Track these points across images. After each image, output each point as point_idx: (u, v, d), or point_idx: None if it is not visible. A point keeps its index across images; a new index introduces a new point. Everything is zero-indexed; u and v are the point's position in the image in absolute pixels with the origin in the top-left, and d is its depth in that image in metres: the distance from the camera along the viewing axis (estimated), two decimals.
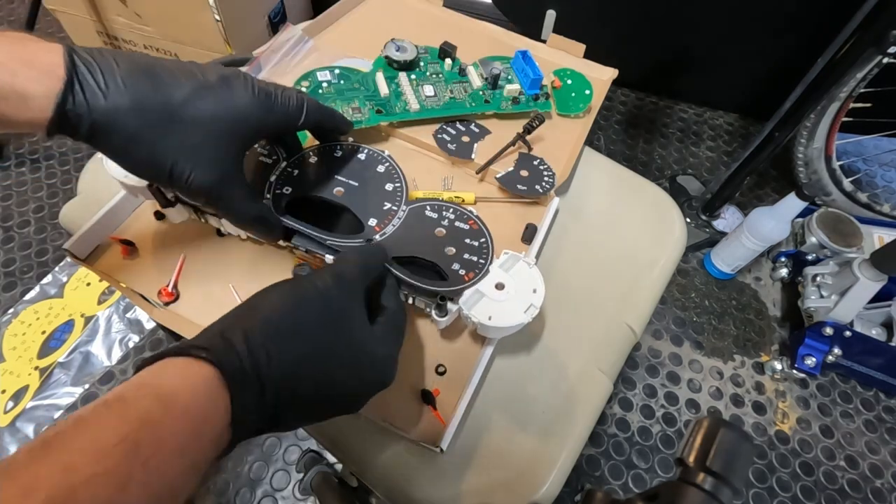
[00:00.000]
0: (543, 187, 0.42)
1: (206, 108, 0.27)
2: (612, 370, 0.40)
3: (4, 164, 1.12)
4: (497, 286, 0.34)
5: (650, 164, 1.26)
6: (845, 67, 0.82)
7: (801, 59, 0.86)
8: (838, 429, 0.92)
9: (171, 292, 0.36)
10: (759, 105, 1.22)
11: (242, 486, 0.80)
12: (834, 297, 0.88)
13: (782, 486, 0.86)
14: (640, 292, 0.44)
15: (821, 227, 0.97)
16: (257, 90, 0.29)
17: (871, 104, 0.97)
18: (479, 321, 0.32)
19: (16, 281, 0.97)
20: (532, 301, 0.33)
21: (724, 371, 0.97)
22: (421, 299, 0.34)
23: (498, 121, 0.47)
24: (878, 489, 0.87)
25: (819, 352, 0.90)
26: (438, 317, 0.34)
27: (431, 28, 0.54)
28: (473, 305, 0.33)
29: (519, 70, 0.48)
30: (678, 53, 1.25)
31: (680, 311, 1.03)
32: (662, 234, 0.48)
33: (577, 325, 0.41)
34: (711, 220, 1.13)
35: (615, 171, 0.51)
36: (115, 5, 1.04)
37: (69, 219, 0.44)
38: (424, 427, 0.33)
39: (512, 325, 0.32)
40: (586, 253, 0.44)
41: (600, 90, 0.51)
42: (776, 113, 0.89)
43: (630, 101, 1.37)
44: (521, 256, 0.35)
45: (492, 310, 0.32)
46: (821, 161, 1.06)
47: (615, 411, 0.91)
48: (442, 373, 0.35)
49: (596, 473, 0.85)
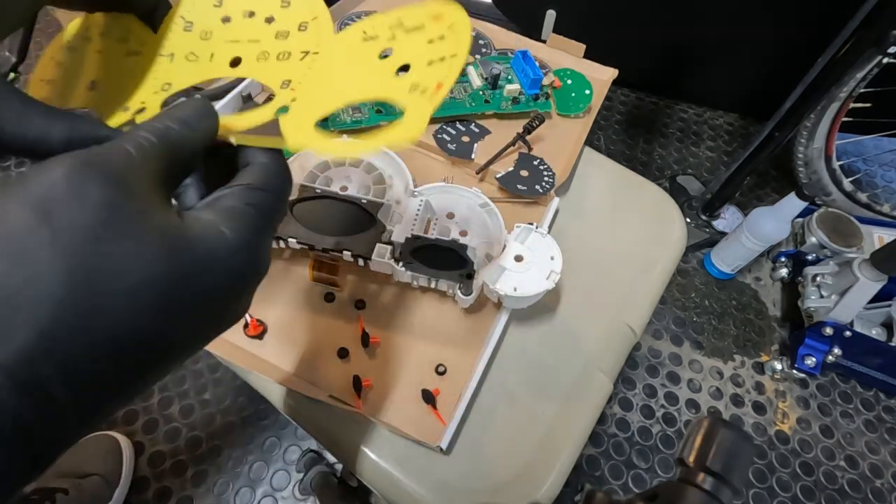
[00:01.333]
0: (543, 187, 0.42)
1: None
2: (612, 370, 0.40)
3: (4, 165, 1.12)
4: (516, 258, 0.35)
5: (650, 164, 1.26)
6: (845, 67, 0.82)
7: (801, 59, 0.86)
8: (838, 429, 0.92)
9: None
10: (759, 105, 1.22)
11: (242, 486, 0.80)
12: (834, 297, 0.88)
13: (782, 486, 0.86)
14: (640, 292, 0.44)
15: (821, 227, 0.97)
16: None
17: (871, 104, 0.97)
18: (504, 293, 0.34)
19: None
20: (552, 268, 0.35)
21: (724, 371, 0.97)
22: (444, 282, 0.35)
23: (498, 121, 0.47)
24: (878, 489, 0.87)
25: (819, 352, 0.90)
26: (464, 295, 0.34)
27: None
28: (497, 280, 0.34)
29: (519, 70, 0.48)
30: (678, 53, 1.25)
31: (680, 311, 1.03)
32: (662, 234, 0.48)
33: (577, 325, 0.41)
34: (711, 220, 1.13)
35: (615, 171, 0.51)
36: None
37: None
38: (424, 427, 0.33)
39: (537, 293, 0.34)
40: (586, 253, 0.44)
41: (600, 90, 0.51)
42: (776, 113, 0.89)
43: (630, 101, 1.37)
44: (534, 228, 0.36)
45: (515, 281, 0.34)
46: (821, 161, 1.06)
47: (615, 411, 0.91)
48: (442, 373, 0.35)
49: (596, 473, 0.85)
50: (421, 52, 0.22)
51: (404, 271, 0.34)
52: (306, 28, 0.24)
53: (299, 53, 0.23)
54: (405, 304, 0.38)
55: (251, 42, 0.24)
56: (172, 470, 0.80)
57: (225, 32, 0.24)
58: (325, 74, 0.22)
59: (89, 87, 0.23)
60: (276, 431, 0.85)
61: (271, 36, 0.24)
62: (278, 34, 0.24)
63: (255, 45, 0.24)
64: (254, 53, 0.24)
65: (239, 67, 0.23)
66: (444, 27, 0.22)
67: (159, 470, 0.80)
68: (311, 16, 0.24)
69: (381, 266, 0.34)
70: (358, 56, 0.23)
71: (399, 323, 0.37)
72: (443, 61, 0.21)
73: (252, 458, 0.82)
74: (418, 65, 0.21)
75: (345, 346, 0.36)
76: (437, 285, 0.36)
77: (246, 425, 0.85)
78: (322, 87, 0.22)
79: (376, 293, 0.38)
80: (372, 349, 0.36)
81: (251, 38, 0.24)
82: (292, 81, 0.22)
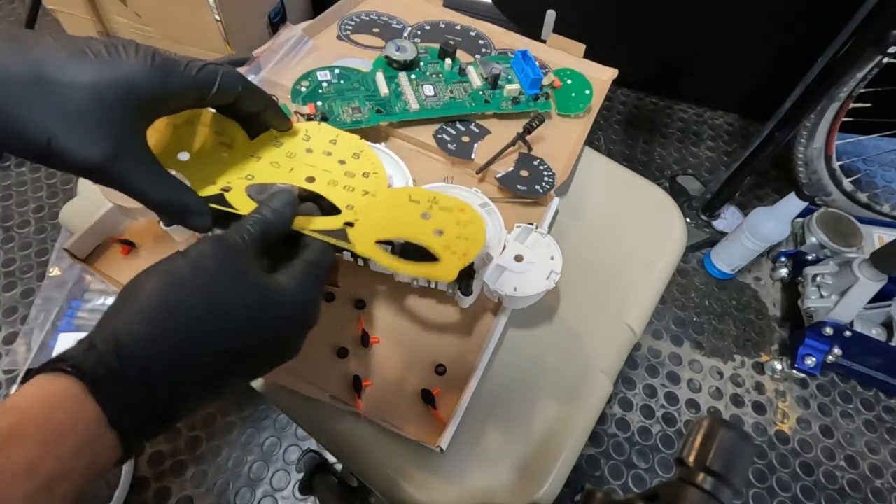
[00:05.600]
0: (543, 187, 0.42)
1: (85, 72, 0.24)
2: (612, 370, 0.40)
3: (4, 164, 1.12)
4: (516, 258, 0.35)
5: (650, 164, 1.26)
6: (845, 67, 0.82)
7: (801, 59, 0.86)
8: (838, 429, 0.92)
9: None
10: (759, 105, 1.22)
11: (242, 486, 0.80)
12: (834, 297, 0.88)
13: (782, 486, 0.86)
14: (640, 292, 0.44)
15: (821, 227, 0.97)
16: (152, 55, 0.26)
17: (871, 104, 0.97)
18: (504, 294, 0.34)
19: (16, 281, 0.97)
20: (552, 268, 0.35)
21: (724, 371, 0.97)
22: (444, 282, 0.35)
23: (498, 121, 0.47)
24: (878, 489, 0.87)
25: (819, 352, 0.90)
26: (464, 295, 0.34)
27: (431, 27, 0.54)
28: (497, 280, 0.34)
29: (519, 70, 0.48)
30: (678, 53, 1.25)
31: (680, 311, 1.03)
32: (662, 234, 0.48)
33: (577, 326, 0.41)
34: (711, 220, 1.13)
35: (615, 171, 0.51)
36: (115, 5, 1.05)
37: (69, 219, 0.44)
38: (424, 427, 0.33)
39: (536, 293, 0.34)
40: (586, 253, 0.44)
41: (600, 90, 0.51)
42: (776, 113, 0.90)
43: (630, 101, 1.37)
44: (533, 228, 0.36)
45: (515, 281, 0.34)
46: (821, 161, 1.06)
47: (615, 411, 0.91)
48: (442, 373, 0.35)
49: (596, 473, 0.85)
50: (451, 226, 0.31)
51: None
52: (368, 176, 0.33)
53: (361, 191, 0.32)
54: (405, 304, 0.38)
55: (325, 171, 0.32)
56: (172, 470, 0.80)
57: (306, 158, 0.33)
58: (380, 211, 0.31)
59: (179, 158, 0.31)
60: (276, 431, 0.85)
61: (341, 173, 0.32)
62: (346, 173, 0.33)
63: (328, 174, 0.32)
64: (326, 179, 0.32)
65: (313, 184, 0.31)
66: (466, 218, 0.31)
67: (159, 470, 0.80)
68: (374, 169, 0.33)
69: (381, 266, 0.34)
70: (404, 209, 0.31)
71: (399, 323, 0.37)
72: (467, 240, 0.30)
73: (252, 458, 0.82)
74: (449, 234, 0.30)
75: (344, 346, 0.36)
76: (437, 285, 0.36)
77: (246, 425, 0.85)
78: (378, 219, 0.31)
79: (376, 293, 0.38)
80: (372, 349, 0.36)
81: (325, 169, 0.32)
82: (355, 207, 0.31)
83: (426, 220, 0.31)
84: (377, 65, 0.47)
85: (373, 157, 0.33)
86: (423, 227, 0.31)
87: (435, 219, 0.31)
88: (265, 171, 0.32)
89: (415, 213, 0.31)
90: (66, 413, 0.19)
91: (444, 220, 0.31)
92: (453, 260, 0.29)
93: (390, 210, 0.31)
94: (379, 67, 0.46)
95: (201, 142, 0.32)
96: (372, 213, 0.31)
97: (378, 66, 0.47)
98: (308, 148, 0.33)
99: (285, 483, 0.81)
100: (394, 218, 0.31)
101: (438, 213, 0.31)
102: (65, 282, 0.95)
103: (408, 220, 0.31)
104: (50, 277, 0.97)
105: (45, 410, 0.19)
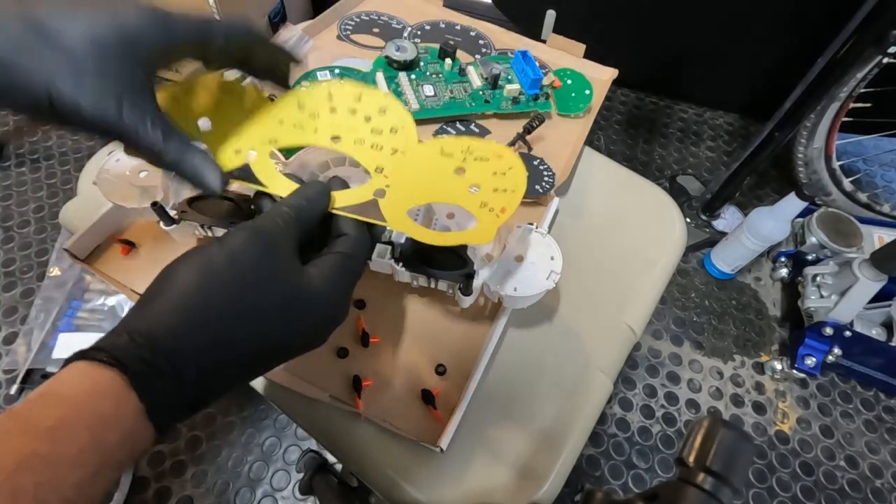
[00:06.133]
0: (543, 187, 0.42)
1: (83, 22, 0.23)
2: (612, 370, 0.40)
3: (4, 164, 1.12)
4: (516, 258, 0.35)
5: (650, 164, 1.26)
6: (845, 67, 0.82)
7: (801, 59, 0.86)
8: (838, 429, 0.92)
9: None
10: (759, 105, 1.22)
11: (242, 486, 0.80)
12: (834, 297, 0.88)
13: (782, 486, 0.86)
14: (640, 292, 0.44)
15: (821, 227, 0.97)
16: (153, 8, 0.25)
17: (871, 104, 0.97)
18: (505, 294, 0.34)
19: (16, 281, 0.97)
20: (552, 268, 0.35)
21: (724, 371, 0.97)
22: (444, 282, 0.35)
23: (498, 121, 0.47)
24: (878, 489, 0.87)
25: (819, 352, 0.90)
26: (464, 295, 0.34)
27: (431, 27, 0.54)
28: (497, 280, 0.34)
29: (519, 70, 0.48)
30: (678, 53, 1.25)
31: (680, 311, 1.03)
32: (662, 234, 0.48)
33: (577, 325, 0.41)
34: (711, 220, 1.13)
35: (615, 171, 0.51)
36: None
37: (69, 219, 0.44)
38: (424, 427, 0.33)
39: (536, 294, 0.34)
40: (586, 253, 0.44)
41: (600, 90, 0.51)
42: (776, 113, 0.90)
43: (630, 101, 1.37)
44: (533, 228, 0.36)
45: (515, 281, 0.34)
46: (821, 161, 1.06)
47: (615, 411, 0.91)
48: (442, 373, 0.35)
49: (596, 473, 0.85)
50: (487, 178, 0.29)
51: (404, 271, 0.34)
52: (396, 132, 0.31)
53: (390, 149, 0.30)
54: (405, 304, 0.38)
55: (350, 130, 0.31)
56: (172, 470, 0.80)
57: (330, 118, 0.31)
58: (411, 172, 0.29)
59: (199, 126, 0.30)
60: (276, 431, 0.85)
61: (367, 130, 0.31)
62: (373, 130, 0.31)
63: (354, 133, 0.31)
64: (352, 137, 0.31)
65: (338, 143, 0.30)
66: (504, 165, 0.29)
67: (159, 470, 0.80)
68: (402, 124, 0.31)
69: (381, 266, 0.34)
70: (437, 166, 0.30)
71: (399, 323, 0.37)
72: (505, 192, 0.28)
73: (252, 458, 0.82)
74: (486, 188, 0.29)
75: (344, 345, 0.36)
76: (437, 285, 0.36)
77: (246, 425, 0.85)
78: (409, 183, 0.29)
79: (376, 293, 0.38)
80: (372, 349, 0.36)
81: (351, 128, 0.31)
82: (385, 169, 0.29)
83: (460, 177, 0.29)
84: (377, 65, 0.47)
85: (400, 111, 0.31)
86: (458, 186, 0.29)
87: (470, 173, 0.29)
88: (289, 135, 0.31)
89: (448, 169, 0.30)
90: (112, 405, 0.20)
91: (481, 172, 0.29)
92: (490, 219, 0.28)
93: (422, 170, 0.30)
94: (379, 67, 0.46)
95: (220, 109, 0.31)
96: (403, 175, 0.29)
97: (378, 66, 0.47)
98: (332, 107, 0.31)
99: (285, 483, 0.81)
100: (427, 179, 0.29)
101: (473, 164, 0.29)
102: (65, 282, 0.95)
103: (441, 180, 0.29)
104: (50, 277, 0.97)
105: (92, 402, 0.19)
